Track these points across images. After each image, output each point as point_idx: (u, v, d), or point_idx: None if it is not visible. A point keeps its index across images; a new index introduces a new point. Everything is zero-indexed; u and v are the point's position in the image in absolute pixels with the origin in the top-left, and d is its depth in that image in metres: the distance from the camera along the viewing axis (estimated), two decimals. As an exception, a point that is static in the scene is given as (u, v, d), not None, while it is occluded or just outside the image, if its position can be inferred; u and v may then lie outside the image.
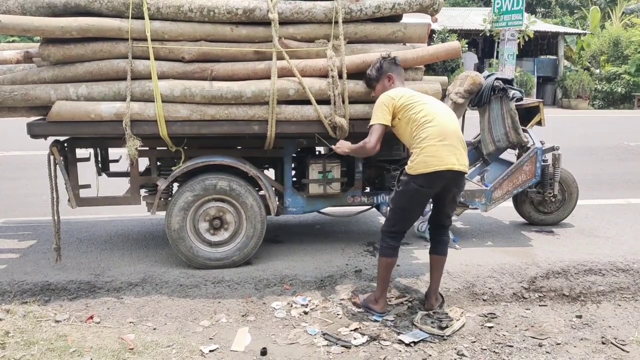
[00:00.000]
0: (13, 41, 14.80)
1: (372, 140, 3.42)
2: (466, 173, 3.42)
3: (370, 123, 3.47)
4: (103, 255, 4.38)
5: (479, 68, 17.41)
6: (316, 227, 5.21)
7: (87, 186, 4.23)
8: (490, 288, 3.87)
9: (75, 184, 4.09)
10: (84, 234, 4.91)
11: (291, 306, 3.62)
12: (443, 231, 3.60)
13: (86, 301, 3.64)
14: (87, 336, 3.18)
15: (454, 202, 3.55)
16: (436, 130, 3.27)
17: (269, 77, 3.78)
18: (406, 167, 3.36)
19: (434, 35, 17.17)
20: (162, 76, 3.76)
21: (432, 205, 3.62)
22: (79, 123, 3.74)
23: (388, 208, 3.55)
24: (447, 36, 17.26)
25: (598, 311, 3.67)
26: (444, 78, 4.52)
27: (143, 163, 4.27)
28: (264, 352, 3.07)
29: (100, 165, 4.60)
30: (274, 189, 4.31)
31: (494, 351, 3.13)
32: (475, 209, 4.80)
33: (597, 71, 19.16)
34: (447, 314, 3.52)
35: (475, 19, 18.84)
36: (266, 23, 3.80)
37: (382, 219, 5.11)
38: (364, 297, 3.62)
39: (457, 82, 4.87)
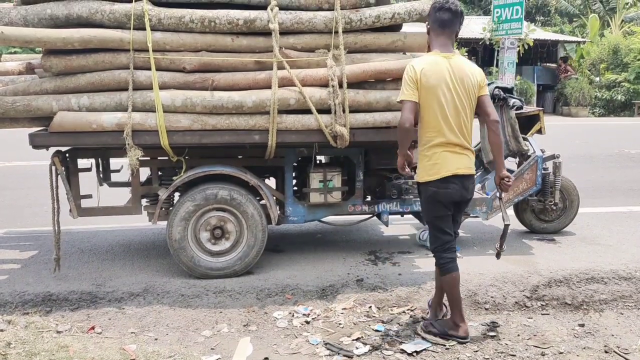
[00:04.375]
0: (15, 52, 14.88)
1: (401, 117, 3.11)
2: (473, 175, 3.27)
3: (398, 99, 3.21)
4: (104, 265, 4.38)
5: (479, 76, 17.40)
6: (317, 236, 5.21)
7: (89, 196, 4.24)
8: (492, 297, 3.86)
9: (76, 194, 4.10)
10: (86, 244, 4.91)
11: (293, 316, 3.62)
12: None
13: (88, 311, 3.64)
14: (88, 347, 3.18)
15: (462, 212, 3.43)
16: (440, 135, 3.12)
17: (269, 87, 3.80)
18: (415, 176, 3.30)
19: (433, 44, 17.21)
20: (163, 86, 3.78)
21: None
22: (81, 133, 3.75)
23: (426, 232, 3.38)
24: (447, 45, 17.28)
25: (601, 320, 3.65)
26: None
27: (144, 173, 4.28)
28: (265, 362, 3.06)
29: (101, 175, 4.61)
30: (275, 198, 4.32)
31: (497, 360, 3.12)
32: (477, 217, 4.80)
33: (597, 79, 19.19)
34: (449, 323, 3.50)
35: (475, 27, 18.90)
36: (267, 33, 3.83)
37: (384, 228, 5.13)
38: (439, 325, 3.33)
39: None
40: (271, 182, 4.63)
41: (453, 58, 3.16)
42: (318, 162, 4.40)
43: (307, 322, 3.53)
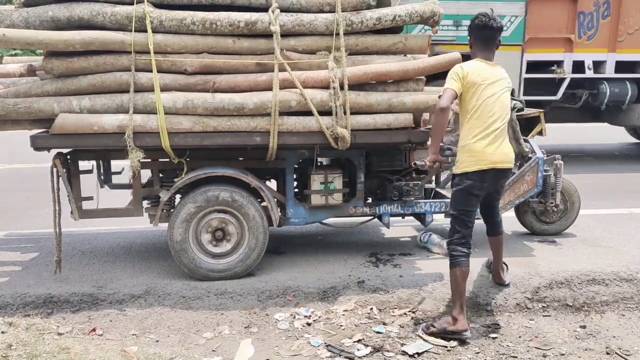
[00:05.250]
0: (16, 54, 14.90)
1: (441, 100, 3.37)
2: (509, 169, 3.52)
3: (443, 88, 3.45)
4: (105, 267, 4.38)
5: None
6: (318, 238, 5.21)
7: (90, 198, 4.24)
8: (493, 298, 3.86)
9: (77, 196, 4.10)
10: (87, 246, 4.91)
11: (294, 317, 3.62)
12: (494, 211, 3.76)
13: (89, 313, 3.64)
14: (89, 349, 3.18)
15: (499, 193, 3.74)
16: (479, 129, 3.35)
17: (270, 89, 3.80)
18: (454, 168, 3.52)
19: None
20: (164, 88, 3.78)
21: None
22: (82, 135, 3.76)
23: (449, 218, 3.59)
24: (447, 47, 17.31)
25: (602, 321, 3.65)
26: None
27: (145, 175, 4.28)
28: (267, 364, 3.06)
29: (102, 177, 4.61)
30: (276, 199, 4.32)
31: (498, 362, 3.12)
32: (478, 219, 4.78)
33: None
34: (450, 324, 3.50)
35: (475, 29, 18.93)
36: (268, 35, 3.83)
37: (385, 230, 5.13)
38: (438, 324, 3.40)
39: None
40: (272, 184, 4.63)
41: (495, 66, 3.49)
42: (319, 164, 4.41)
43: (309, 324, 3.53)
